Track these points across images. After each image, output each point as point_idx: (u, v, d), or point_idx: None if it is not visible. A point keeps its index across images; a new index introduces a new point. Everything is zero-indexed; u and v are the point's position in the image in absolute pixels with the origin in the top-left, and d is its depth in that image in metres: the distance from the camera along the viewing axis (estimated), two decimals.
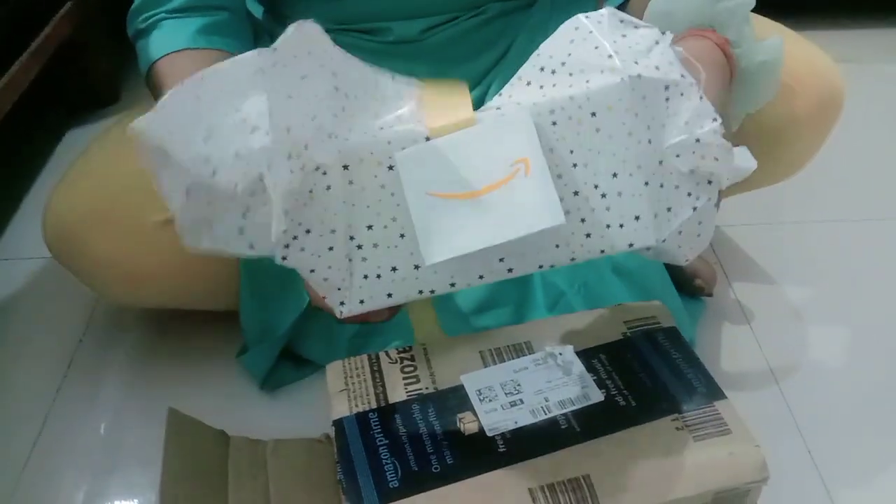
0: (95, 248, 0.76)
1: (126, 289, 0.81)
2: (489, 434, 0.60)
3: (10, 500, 0.78)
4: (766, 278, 1.03)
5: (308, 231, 0.50)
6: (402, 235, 0.51)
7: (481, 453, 0.59)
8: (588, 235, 0.51)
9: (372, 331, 0.88)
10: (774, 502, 0.63)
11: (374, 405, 0.63)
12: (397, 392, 0.64)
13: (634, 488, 0.57)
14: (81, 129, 1.32)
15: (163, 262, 0.77)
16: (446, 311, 0.84)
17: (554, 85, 0.52)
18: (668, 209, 0.52)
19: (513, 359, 0.66)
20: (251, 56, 0.48)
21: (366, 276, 0.51)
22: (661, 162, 0.51)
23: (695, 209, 0.52)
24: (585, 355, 0.66)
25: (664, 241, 0.52)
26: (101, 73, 1.35)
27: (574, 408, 0.62)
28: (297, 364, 0.89)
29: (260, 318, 0.84)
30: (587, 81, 0.51)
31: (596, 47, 0.51)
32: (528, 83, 0.52)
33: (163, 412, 0.77)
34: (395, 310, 0.57)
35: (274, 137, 0.45)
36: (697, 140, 0.51)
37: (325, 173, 0.50)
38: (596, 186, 0.51)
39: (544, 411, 0.61)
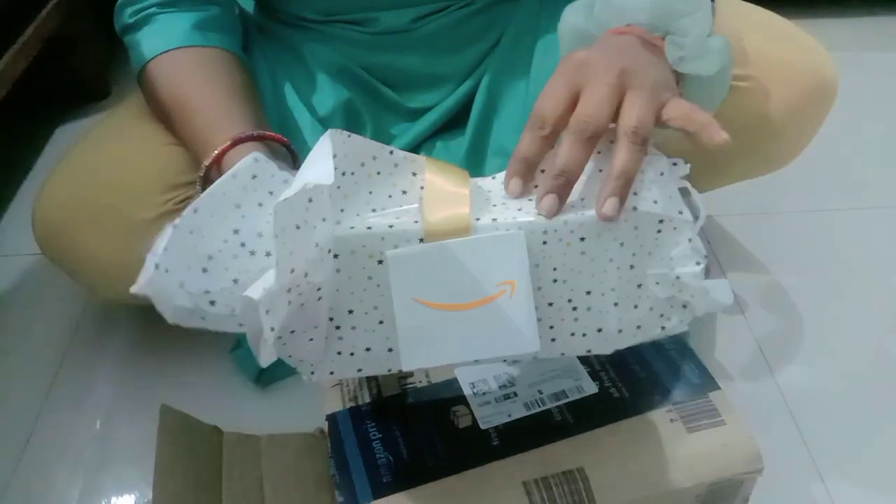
0: (85, 246, 0.75)
1: (116, 287, 0.79)
2: (483, 427, 0.60)
3: (3, 497, 0.78)
4: (759, 267, 1.03)
5: (292, 331, 0.49)
6: (380, 322, 0.51)
7: (475, 447, 0.59)
8: (553, 340, 0.52)
9: None
10: (768, 492, 0.63)
11: (367, 399, 0.63)
12: (391, 386, 0.64)
13: (628, 480, 0.57)
14: (71, 125, 1.32)
15: None
16: None
17: None
18: (638, 327, 0.53)
19: None
20: (244, 165, 0.48)
21: (339, 353, 0.51)
22: (639, 285, 0.52)
23: (663, 328, 0.53)
24: None
25: None
26: (89, 67, 1.34)
27: (568, 400, 0.62)
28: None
29: None
30: (583, 202, 0.51)
31: (600, 170, 0.52)
32: (521, 203, 0.52)
33: (155, 408, 0.76)
34: None
35: (278, 280, 0.44)
36: (678, 277, 0.51)
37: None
38: (569, 301, 0.52)
39: (538, 404, 0.61)
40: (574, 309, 0.52)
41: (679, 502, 0.58)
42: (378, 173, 0.51)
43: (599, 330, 0.52)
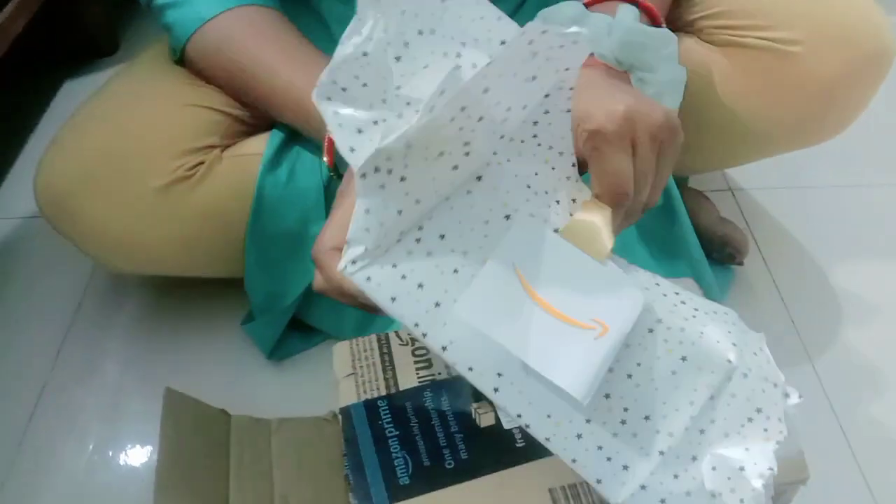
0: (90, 215, 0.72)
1: (124, 257, 0.77)
2: (506, 427, 0.56)
3: (9, 472, 0.76)
4: (797, 246, 0.98)
5: (403, 178, 0.44)
6: (455, 270, 0.47)
7: (498, 448, 0.55)
8: (578, 437, 0.47)
9: None
10: (810, 496, 0.59)
11: (383, 392, 0.59)
12: (408, 377, 0.60)
13: None
14: (79, 81, 1.27)
15: (162, 230, 0.73)
16: None
17: (679, 304, 0.50)
18: (662, 500, 0.46)
19: None
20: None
21: (394, 266, 0.46)
22: (694, 457, 0.47)
23: None
24: None
25: None
26: (96, 22, 1.29)
27: None
28: (303, 333, 0.86)
29: (267, 287, 0.80)
30: (702, 330, 0.48)
31: (728, 332, 0.49)
32: (665, 292, 0.50)
33: (164, 383, 0.73)
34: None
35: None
36: (741, 469, 0.46)
37: (456, 168, 0.46)
38: (625, 409, 0.47)
39: None
40: (622, 423, 0.47)
41: None
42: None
43: (625, 467, 0.46)
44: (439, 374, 0.60)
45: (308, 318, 0.84)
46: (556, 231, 0.48)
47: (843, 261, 0.95)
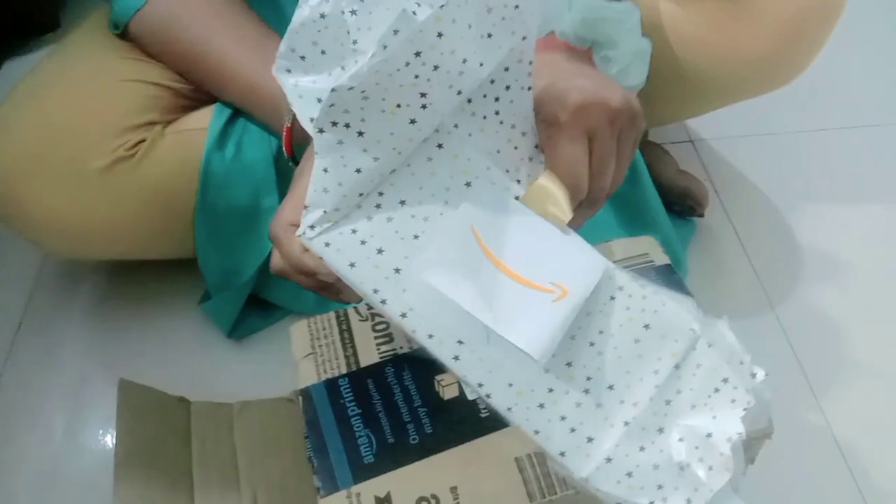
0: (31, 200, 0.69)
1: (70, 243, 0.74)
2: (470, 398, 0.55)
3: None
4: (758, 194, 0.98)
5: (361, 133, 0.43)
6: (415, 237, 0.46)
7: (463, 420, 0.54)
8: (541, 407, 0.45)
9: None
10: (775, 445, 0.60)
11: (344, 370, 0.58)
12: (369, 354, 0.59)
13: None
14: (19, 60, 1.22)
15: (107, 212, 0.71)
16: None
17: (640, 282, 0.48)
18: (628, 474, 0.45)
19: None
20: None
21: (354, 231, 0.45)
22: (661, 429, 0.46)
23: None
24: None
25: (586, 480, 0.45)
26: None
27: None
28: (263, 311, 0.85)
29: (221, 264, 0.79)
30: (664, 300, 0.47)
31: (690, 311, 0.48)
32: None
33: (123, 367, 0.71)
34: (333, 287, 0.50)
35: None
36: (709, 436, 0.45)
37: (414, 122, 0.44)
38: (588, 378, 0.46)
39: None
40: (585, 392, 0.46)
41: None
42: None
43: (590, 439, 0.45)
44: (401, 348, 0.59)
45: (267, 294, 0.82)
46: (516, 199, 0.47)
47: (804, 208, 0.95)
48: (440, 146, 0.46)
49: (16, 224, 0.73)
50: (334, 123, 0.42)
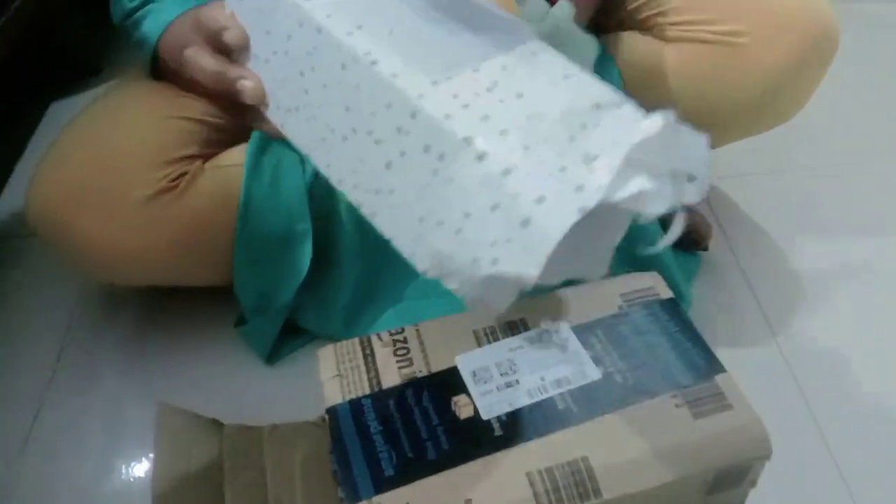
0: (80, 228, 0.74)
1: (114, 268, 0.79)
2: (485, 417, 0.59)
3: (15, 487, 0.78)
4: (761, 230, 1.01)
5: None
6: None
7: (478, 438, 0.58)
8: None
9: (366, 299, 0.87)
10: (778, 473, 0.62)
11: (367, 391, 0.62)
12: (391, 376, 0.63)
13: (634, 469, 0.56)
14: (65, 103, 1.29)
15: (149, 239, 0.76)
16: None
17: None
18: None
19: (507, 337, 0.64)
20: None
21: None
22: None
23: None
24: (581, 331, 0.64)
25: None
26: (77, 44, 1.31)
27: (571, 387, 0.60)
28: (292, 335, 0.88)
29: (258, 288, 0.83)
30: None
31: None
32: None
33: (159, 390, 0.75)
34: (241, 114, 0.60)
35: None
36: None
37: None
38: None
39: (541, 391, 0.60)
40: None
41: (686, 489, 0.57)
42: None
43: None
44: (420, 371, 0.63)
45: (295, 318, 0.87)
46: None
47: (808, 243, 0.98)
48: None
49: (64, 249, 0.78)
50: None
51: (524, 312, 0.66)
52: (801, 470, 0.74)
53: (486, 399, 0.60)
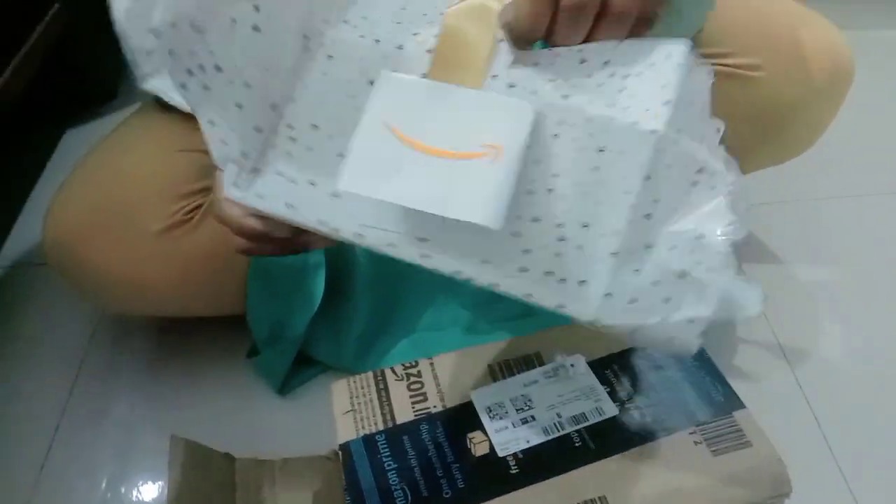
0: (95, 260, 0.74)
1: (127, 300, 0.79)
2: (500, 454, 0.58)
3: None
4: (776, 260, 1.00)
5: (218, 68, 0.42)
6: (339, 154, 0.44)
7: (493, 476, 0.57)
8: (523, 270, 0.44)
9: (378, 330, 0.86)
10: None
11: (381, 426, 0.61)
12: (405, 411, 0.62)
13: None
14: (80, 129, 1.30)
15: (164, 271, 0.76)
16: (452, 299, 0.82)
17: (582, 89, 0.44)
18: (633, 301, 0.43)
19: (522, 371, 0.64)
20: None
21: (279, 174, 0.45)
22: (649, 246, 0.43)
23: (666, 319, 0.43)
24: (597, 365, 0.64)
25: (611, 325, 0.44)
26: (94, 71, 1.32)
27: (587, 423, 0.60)
28: (304, 366, 0.88)
29: (270, 319, 0.83)
30: (615, 104, 0.43)
31: (663, 86, 0.43)
32: (553, 77, 0.44)
33: (171, 421, 0.74)
34: (298, 240, 0.50)
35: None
36: (701, 237, 0.43)
37: (257, 29, 0.44)
38: (559, 226, 0.44)
39: (557, 428, 0.60)
40: (561, 240, 0.43)
41: None
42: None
43: (582, 283, 0.43)
44: (434, 407, 0.62)
45: (307, 349, 0.86)
46: (424, 76, 0.45)
47: (822, 272, 0.97)
48: (330, 57, 0.45)
49: (78, 280, 0.77)
50: (189, 73, 0.41)
51: (539, 346, 0.66)
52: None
53: (502, 436, 0.59)
